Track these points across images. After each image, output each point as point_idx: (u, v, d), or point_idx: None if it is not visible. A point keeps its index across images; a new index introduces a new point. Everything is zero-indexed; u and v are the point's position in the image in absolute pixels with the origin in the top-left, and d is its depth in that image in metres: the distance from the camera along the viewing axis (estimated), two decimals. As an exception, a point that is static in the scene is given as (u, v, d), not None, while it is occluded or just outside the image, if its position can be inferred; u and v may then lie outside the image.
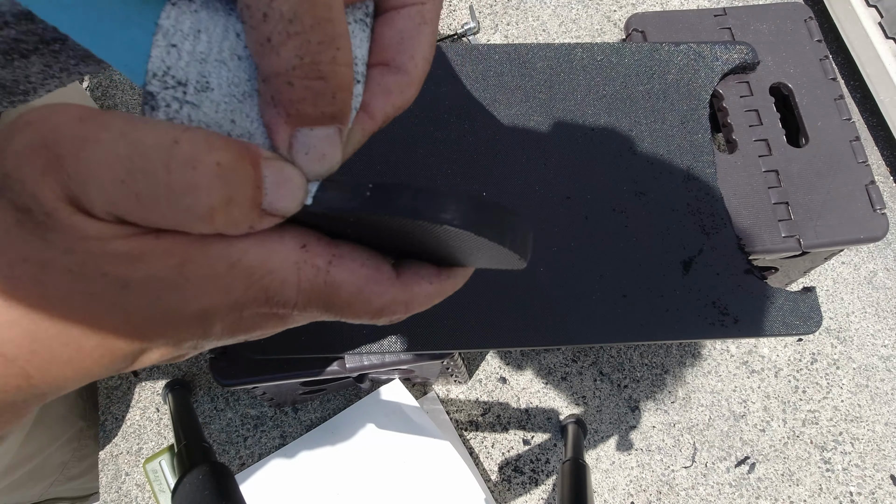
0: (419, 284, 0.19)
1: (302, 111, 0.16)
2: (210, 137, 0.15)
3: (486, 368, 0.67)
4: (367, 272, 0.18)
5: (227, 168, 0.15)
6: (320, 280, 0.18)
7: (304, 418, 0.65)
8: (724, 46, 0.51)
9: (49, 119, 0.15)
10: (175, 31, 0.17)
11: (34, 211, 0.14)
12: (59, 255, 0.15)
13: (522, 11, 0.83)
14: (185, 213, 0.15)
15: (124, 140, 0.14)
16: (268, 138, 0.17)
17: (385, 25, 0.20)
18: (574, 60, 0.49)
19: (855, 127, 0.51)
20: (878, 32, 0.77)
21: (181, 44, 0.17)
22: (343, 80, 0.16)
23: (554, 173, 0.46)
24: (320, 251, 0.18)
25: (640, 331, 0.43)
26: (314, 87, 0.16)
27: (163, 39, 0.17)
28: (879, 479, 0.65)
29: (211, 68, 0.17)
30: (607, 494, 0.64)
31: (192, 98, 0.17)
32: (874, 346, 0.70)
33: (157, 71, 0.17)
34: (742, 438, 0.66)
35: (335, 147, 0.17)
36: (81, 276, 0.15)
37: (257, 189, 0.16)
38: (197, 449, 0.49)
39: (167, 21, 0.17)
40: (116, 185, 0.14)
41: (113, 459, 0.63)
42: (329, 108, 0.17)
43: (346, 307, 0.18)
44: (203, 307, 0.17)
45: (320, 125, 0.17)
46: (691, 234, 0.45)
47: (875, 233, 0.49)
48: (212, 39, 0.17)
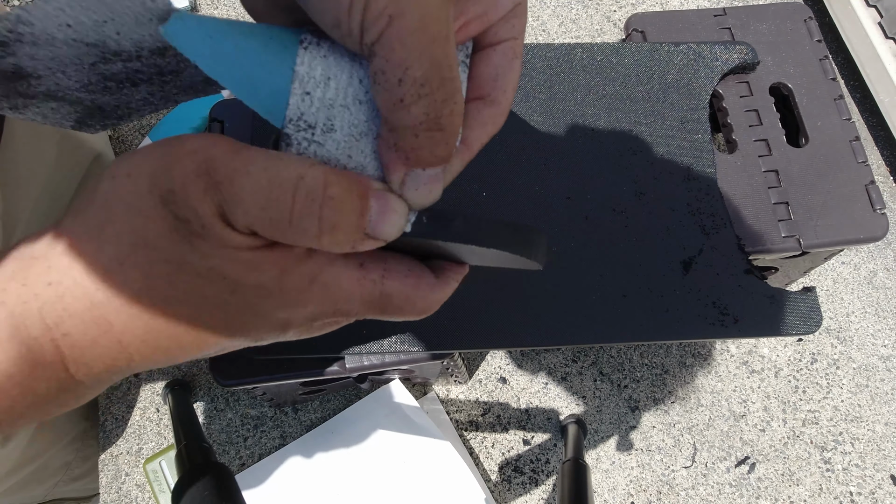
0: (450, 284, 0.23)
1: (421, 157, 0.19)
2: (328, 174, 0.18)
3: (486, 368, 0.67)
4: (413, 280, 0.21)
5: (336, 200, 0.18)
6: (377, 292, 0.21)
7: (304, 418, 0.65)
8: (724, 46, 0.51)
9: (209, 150, 0.18)
10: (309, 78, 0.19)
11: (192, 222, 0.18)
12: (196, 259, 0.18)
13: (522, 11, 0.83)
14: (301, 233, 0.18)
15: (266, 174, 0.18)
16: (377, 170, 0.20)
17: (482, 63, 0.22)
18: (574, 60, 0.49)
19: (855, 127, 0.51)
20: (878, 32, 0.77)
21: (314, 91, 0.19)
22: (456, 128, 0.19)
23: (554, 173, 0.46)
24: (374, 266, 0.21)
25: (640, 331, 0.43)
26: (435, 137, 0.19)
27: (299, 87, 0.19)
28: (879, 479, 0.65)
29: (336, 112, 0.19)
30: (607, 494, 0.64)
31: (318, 138, 0.19)
32: (874, 346, 0.70)
33: (293, 117, 0.19)
34: (742, 438, 0.66)
35: (439, 182, 0.20)
36: (206, 278, 0.19)
37: (361, 217, 0.19)
38: (197, 449, 0.49)
39: (302, 68, 0.19)
40: (258, 210, 0.18)
41: (113, 460, 0.63)
42: (442, 153, 0.19)
43: (396, 310, 0.22)
44: (287, 316, 0.20)
45: (432, 167, 0.19)
46: (691, 234, 0.45)
47: (875, 233, 0.49)
48: (339, 86, 0.20)
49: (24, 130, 0.54)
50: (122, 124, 0.25)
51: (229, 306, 0.19)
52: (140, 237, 0.18)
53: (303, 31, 0.20)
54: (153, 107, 0.25)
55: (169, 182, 0.18)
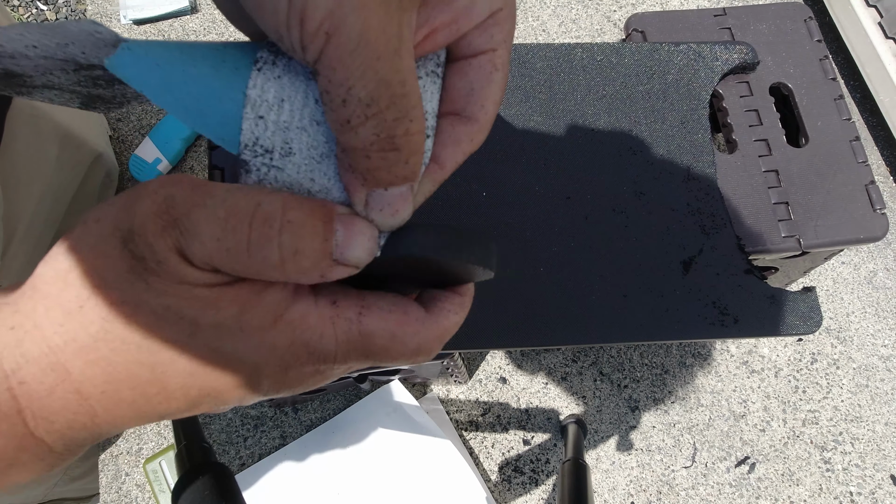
0: (447, 317, 0.21)
1: (378, 177, 0.18)
2: (287, 199, 0.18)
3: (486, 368, 0.67)
4: (396, 316, 0.20)
5: (296, 224, 0.17)
6: (355, 331, 0.19)
7: (304, 418, 0.65)
8: (724, 46, 0.51)
9: (170, 188, 0.18)
10: (261, 101, 0.19)
11: (148, 259, 0.17)
12: (152, 298, 0.18)
13: (522, 11, 0.83)
14: (261, 262, 0.17)
15: (223, 205, 0.17)
16: (344, 192, 0.19)
17: (456, 76, 0.21)
18: (574, 60, 0.49)
19: (855, 127, 0.51)
20: (878, 32, 0.77)
21: (267, 115, 0.19)
22: (415, 146, 0.18)
23: (554, 173, 0.46)
24: (349, 303, 0.19)
25: (640, 331, 0.43)
26: (389, 157, 0.18)
27: (251, 112, 0.19)
28: (879, 479, 0.65)
29: (293, 135, 0.19)
30: (607, 494, 0.64)
31: (277, 163, 0.19)
32: (874, 346, 0.70)
33: (247, 142, 0.19)
34: (742, 438, 0.66)
35: (406, 202, 0.19)
36: (163, 319, 0.18)
37: (326, 242, 0.18)
38: (197, 449, 0.49)
39: (254, 91, 0.19)
40: (214, 242, 0.17)
41: (113, 460, 0.63)
42: (402, 172, 0.18)
43: (383, 352, 0.20)
44: (255, 361, 0.19)
45: (394, 186, 0.18)
46: (691, 234, 0.45)
47: (875, 233, 0.49)
48: (293, 108, 0.19)
49: (25, 131, 0.54)
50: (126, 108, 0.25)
51: (190, 350, 0.18)
52: (100, 279, 0.18)
53: (261, 47, 0.19)
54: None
55: (129, 222, 0.18)
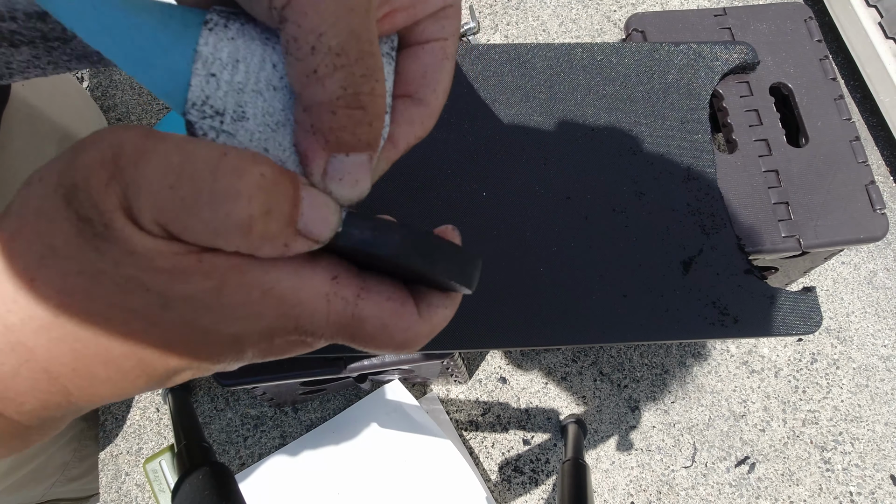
0: (437, 314, 0.20)
1: (341, 138, 0.17)
2: (256, 154, 0.16)
3: (486, 368, 0.67)
4: (393, 306, 0.19)
5: (269, 180, 0.16)
6: (349, 313, 0.18)
7: (304, 418, 0.64)
8: (724, 46, 0.51)
9: (117, 135, 0.16)
10: (214, 59, 0.17)
11: (94, 221, 0.15)
12: (109, 268, 0.16)
13: (522, 11, 0.83)
14: (224, 219, 0.15)
15: (178, 150, 0.15)
16: (299, 165, 0.18)
17: (409, 59, 0.21)
18: (574, 60, 0.49)
19: (855, 127, 0.51)
20: (878, 32, 0.77)
21: (220, 73, 0.17)
22: (380, 109, 0.17)
23: (554, 173, 0.46)
24: (349, 283, 0.18)
25: (640, 331, 0.43)
26: (355, 115, 0.17)
27: (202, 68, 0.17)
28: (879, 479, 0.65)
29: (248, 98, 0.18)
30: (607, 494, 0.64)
31: (228, 127, 0.17)
32: (874, 346, 0.70)
33: (196, 100, 0.17)
34: (742, 438, 0.66)
35: (366, 173, 0.18)
36: (127, 290, 0.16)
37: (294, 207, 0.16)
38: (197, 449, 0.49)
39: (206, 48, 0.17)
40: (165, 191, 0.15)
41: (113, 459, 0.63)
42: (365, 136, 0.17)
43: (370, 339, 0.19)
44: (237, 332, 0.17)
45: (355, 152, 0.18)
46: (691, 234, 0.45)
47: (875, 233, 0.49)
48: (249, 70, 0.18)
49: (22, 130, 0.54)
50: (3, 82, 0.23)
51: (165, 322, 0.16)
52: (48, 245, 0.15)
53: (209, 11, 0.18)
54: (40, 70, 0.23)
55: (71, 176, 0.15)
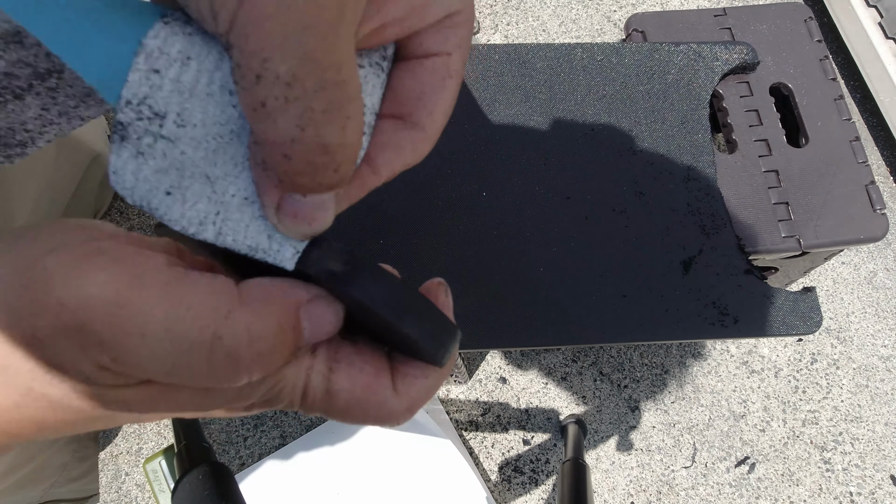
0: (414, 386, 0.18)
1: (298, 183, 0.15)
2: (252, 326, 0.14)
3: (486, 368, 0.67)
4: (366, 380, 0.17)
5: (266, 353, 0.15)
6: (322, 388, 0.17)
7: (304, 418, 0.64)
8: (724, 46, 0.51)
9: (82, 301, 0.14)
10: (161, 54, 0.15)
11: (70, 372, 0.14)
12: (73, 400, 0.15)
13: (522, 11, 0.83)
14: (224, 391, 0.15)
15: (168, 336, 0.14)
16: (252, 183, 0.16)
17: (406, 76, 0.18)
18: (574, 60, 0.49)
19: (855, 127, 0.51)
20: (878, 32, 0.77)
21: (165, 70, 0.15)
22: (350, 152, 0.15)
23: (554, 173, 0.46)
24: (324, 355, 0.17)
25: (640, 331, 0.43)
26: (316, 162, 0.14)
27: (144, 63, 0.14)
28: (879, 479, 0.65)
29: (196, 103, 0.15)
30: (607, 494, 0.64)
31: (168, 132, 0.15)
32: (874, 346, 0.70)
33: (131, 98, 0.14)
34: (742, 438, 0.66)
35: (326, 212, 0.16)
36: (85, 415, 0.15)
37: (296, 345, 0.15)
38: (197, 449, 0.49)
39: (154, 41, 0.15)
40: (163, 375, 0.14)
41: (113, 459, 0.63)
42: (329, 181, 0.15)
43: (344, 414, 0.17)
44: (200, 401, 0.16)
45: (315, 194, 0.15)
46: (691, 234, 0.45)
47: (875, 233, 0.49)
48: (202, 69, 0.15)
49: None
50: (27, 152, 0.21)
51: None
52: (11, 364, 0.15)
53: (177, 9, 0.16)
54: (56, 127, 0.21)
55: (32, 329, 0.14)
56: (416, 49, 0.18)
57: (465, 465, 0.58)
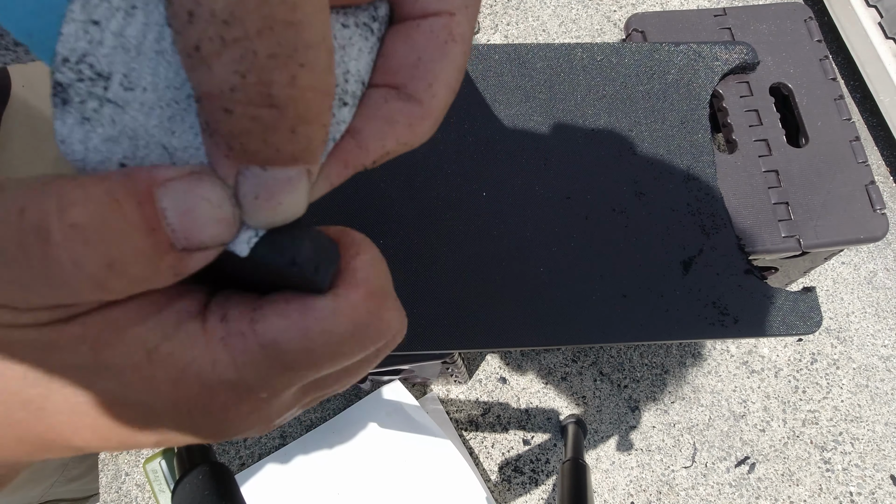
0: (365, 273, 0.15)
1: (248, 148, 0.12)
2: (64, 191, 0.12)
3: (486, 368, 0.67)
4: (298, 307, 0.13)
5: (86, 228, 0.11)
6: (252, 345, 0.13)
7: (304, 418, 0.65)
8: (724, 46, 0.51)
9: None
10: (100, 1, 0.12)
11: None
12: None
13: (522, 11, 0.83)
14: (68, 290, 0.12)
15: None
16: None
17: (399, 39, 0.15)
18: (574, 60, 0.49)
19: (855, 127, 0.51)
20: (878, 32, 0.77)
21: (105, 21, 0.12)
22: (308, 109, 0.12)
23: (554, 173, 0.46)
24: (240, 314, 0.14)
25: (640, 331, 0.43)
26: (262, 117, 0.12)
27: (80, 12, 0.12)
28: (879, 479, 0.65)
29: (144, 61, 0.12)
30: (607, 494, 0.64)
31: (114, 96, 0.13)
32: (874, 346, 0.70)
33: (68, 55, 0.12)
34: (742, 438, 0.66)
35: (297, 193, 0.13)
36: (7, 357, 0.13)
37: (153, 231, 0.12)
38: (197, 449, 0.49)
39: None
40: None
41: (113, 459, 0.63)
42: (288, 147, 0.12)
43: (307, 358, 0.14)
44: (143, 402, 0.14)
45: (275, 166, 0.12)
46: (691, 234, 0.45)
47: (875, 233, 0.49)
48: (150, 21, 0.12)
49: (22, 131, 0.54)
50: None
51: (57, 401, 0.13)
52: None
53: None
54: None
55: None
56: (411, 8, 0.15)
57: (465, 465, 0.58)
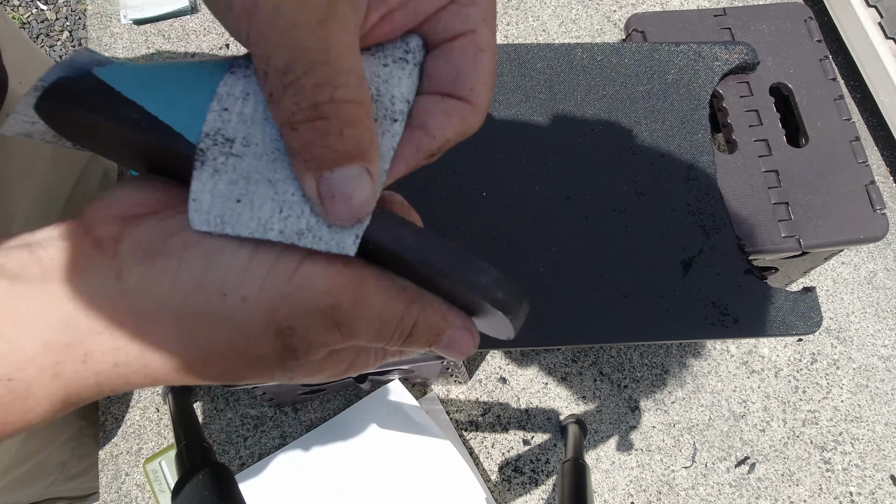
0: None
1: (315, 154, 0.17)
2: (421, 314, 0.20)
3: (486, 368, 0.67)
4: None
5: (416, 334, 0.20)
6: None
7: (304, 418, 0.64)
8: (724, 46, 0.51)
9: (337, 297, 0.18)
10: (228, 96, 0.19)
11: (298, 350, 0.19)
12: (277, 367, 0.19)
13: (522, 11, 0.83)
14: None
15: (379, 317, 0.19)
16: None
17: (438, 61, 0.20)
18: (574, 60, 0.49)
19: (855, 127, 0.51)
20: (878, 32, 0.77)
21: (232, 107, 0.19)
22: (348, 115, 0.17)
23: (554, 173, 0.46)
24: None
25: (640, 331, 0.43)
26: (317, 127, 0.16)
27: (217, 105, 0.19)
28: (879, 479, 0.65)
29: (256, 128, 0.18)
30: (607, 494, 0.64)
31: (237, 151, 0.18)
32: (874, 346, 0.70)
33: (209, 131, 0.18)
34: (742, 438, 0.66)
35: (363, 186, 0.17)
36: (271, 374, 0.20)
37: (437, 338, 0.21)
38: (197, 449, 0.49)
39: (223, 88, 0.19)
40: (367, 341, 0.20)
41: (113, 459, 0.63)
42: (341, 146, 0.17)
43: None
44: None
45: (339, 166, 0.17)
46: (691, 234, 0.45)
47: (875, 233, 0.49)
48: (258, 101, 0.19)
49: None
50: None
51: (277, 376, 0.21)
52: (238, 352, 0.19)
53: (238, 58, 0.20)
54: None
55: (292, 320, 0.18)
56: (439, 34, 0.20)
57: (465, 465, 0.58)
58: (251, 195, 0.18)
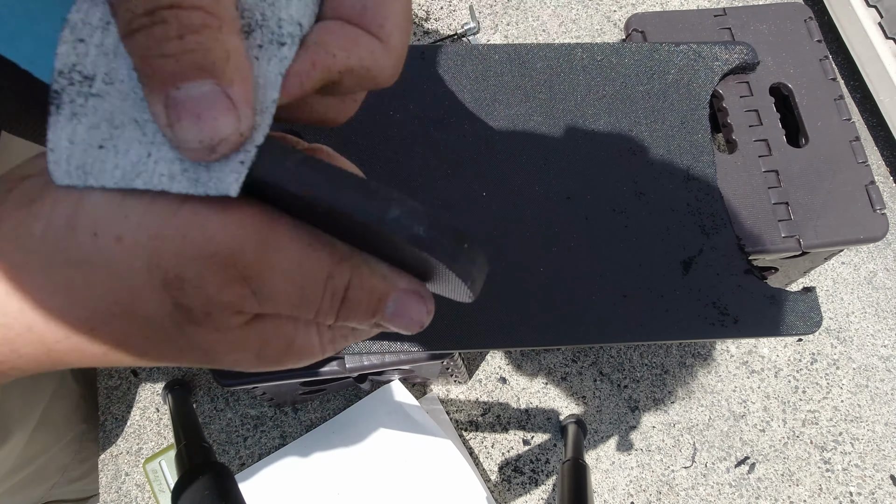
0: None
1: (156, 67, 0.14)
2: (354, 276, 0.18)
3: (486, 368, 0.67)
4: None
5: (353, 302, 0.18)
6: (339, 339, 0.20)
7: (304, 418, 0.64)
8: (724, 46, 0.51)
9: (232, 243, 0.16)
10: (83, 24, 0.16)
11: (195, 311, 0.16)
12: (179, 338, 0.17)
13: (522, 11, 0.83)
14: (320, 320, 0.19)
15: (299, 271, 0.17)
16: None
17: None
18: (574, 60, 0.49)
19: (855, 127, 0.51)
20: (878, 32, 0.77)
21: (89, 38, 0.16)
22: (190, 20, 0.14)
23: (554, 173, 0.46)
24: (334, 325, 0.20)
25: (640, 331, 0.43)
26: (155, 33, 0.14)
27: (70, 35, 0.16)
28: (879, 479, 0.65)
29: (120, 62, 0.16)
30: (607, 494, 0.64)
31: (98, 90, 0.16)
32: (874, 346, 0.70)
33: (63, 68, 0.16)
34: (742, 438, 0.66)
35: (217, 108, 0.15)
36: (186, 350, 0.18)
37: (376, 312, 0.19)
38: (197, 449, 0.49)
39: (76, 15, 0.16)
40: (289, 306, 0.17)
41: (113, 459, 0.63)
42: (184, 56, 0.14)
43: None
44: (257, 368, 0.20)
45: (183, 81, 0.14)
46: (691, 234, 0.45)
47: (875, 233, 0.49)
48: None
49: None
50: None
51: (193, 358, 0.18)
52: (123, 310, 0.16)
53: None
54: None
55: (179, 269, 0.16)
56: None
57: (465, 465, 0.58)
58: (115, 140, 0.16)
